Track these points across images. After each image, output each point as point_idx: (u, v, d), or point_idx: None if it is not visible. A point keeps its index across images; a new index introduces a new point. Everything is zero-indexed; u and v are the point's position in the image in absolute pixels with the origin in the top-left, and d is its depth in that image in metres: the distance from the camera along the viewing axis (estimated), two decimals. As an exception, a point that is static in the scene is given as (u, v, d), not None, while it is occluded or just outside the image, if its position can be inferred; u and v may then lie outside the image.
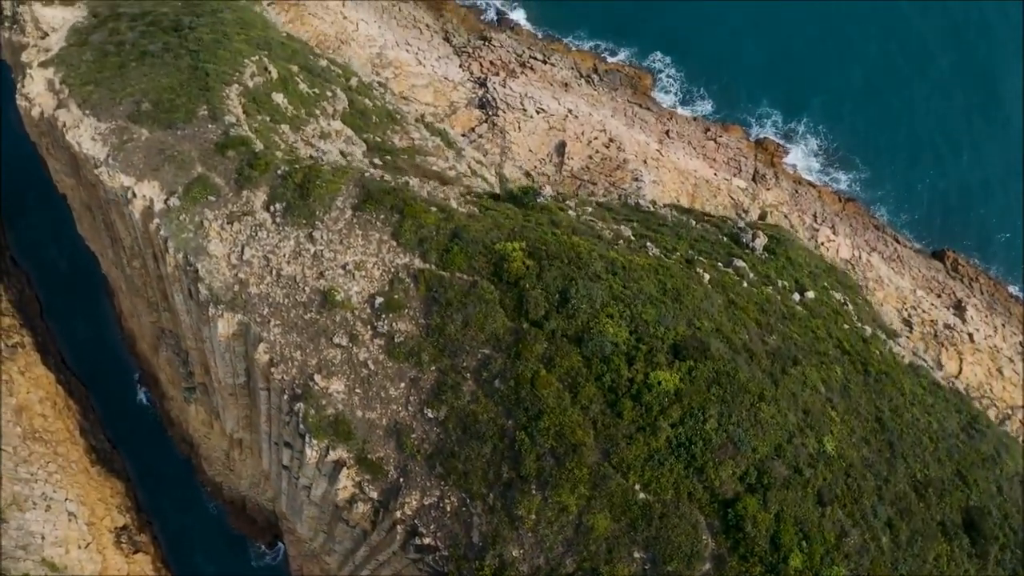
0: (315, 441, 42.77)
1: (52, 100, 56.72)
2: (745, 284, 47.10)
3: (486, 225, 44.04)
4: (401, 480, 42.05)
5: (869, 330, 50.45)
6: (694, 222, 54.39)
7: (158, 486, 67.89)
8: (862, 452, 43.37)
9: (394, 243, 43.81)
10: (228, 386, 51.21)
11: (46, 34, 62.88)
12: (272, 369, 44.04)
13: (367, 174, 46.20)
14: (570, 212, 48.18)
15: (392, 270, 43.33)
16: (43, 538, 61.69)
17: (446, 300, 41.87)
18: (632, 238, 47.44)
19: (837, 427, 43.08)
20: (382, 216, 44.32)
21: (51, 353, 71.03)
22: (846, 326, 49.33)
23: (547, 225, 45.34)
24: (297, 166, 46.57)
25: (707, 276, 45.48)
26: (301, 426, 43.31)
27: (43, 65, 58.68)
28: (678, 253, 47.01)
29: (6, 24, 65.25)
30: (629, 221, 52.04)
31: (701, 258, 47.71)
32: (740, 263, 48.89)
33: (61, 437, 67.31)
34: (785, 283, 49.76)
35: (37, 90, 57.73)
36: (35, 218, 76.05)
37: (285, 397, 44.20)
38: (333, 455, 42.90)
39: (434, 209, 44.44)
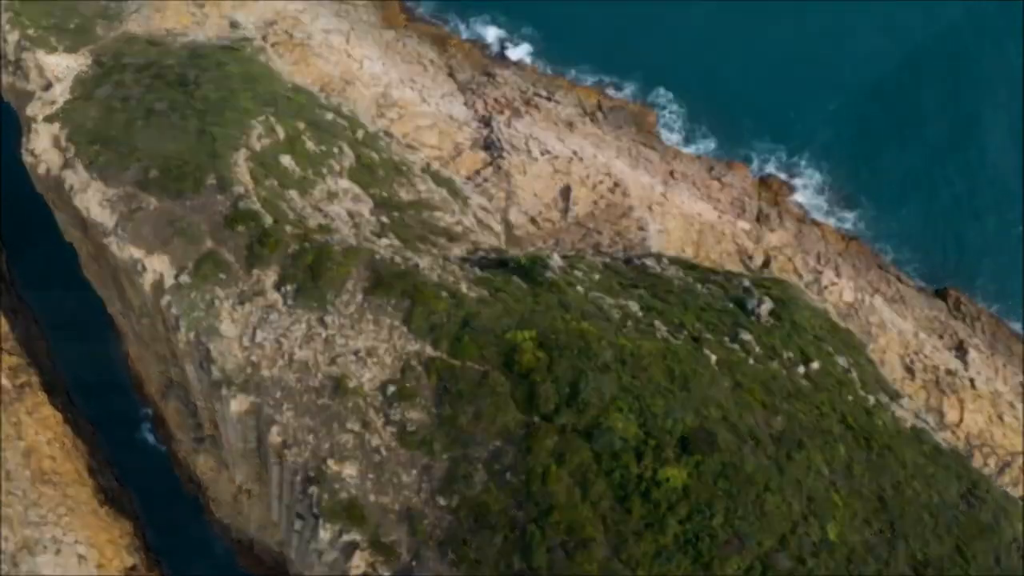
0: (328, 524, 43.52)
1: (58, 158, 56.73)
2: (751, 361, 47.63)
3: (496, 311, 44.50)
4: (414, 563, 42.82)
5: (872, 399, 51.11)
6: (700, 285, 54.81)
7: (166, 525, 68.71)
8: (864, 535, 44.23)
9: (405, 329, 44.30)
10: (239, 449, 51.87)
11: (50, 83, 62.69)
12: (285, 451, 44.69)
13: (377, 256, 46.51)
14: (578, 288, 48.58)
15: (403, 357, 43.84)
16: (54, 582, 62.63)
17: (457, 391, 42.44)
18: (640, 315, 47.89)
19: (840, 511, 43.89)
20: (393, 301, 44.77)
21: (58, 392, 71.49)
22: (850, 397, 49.96)
23: (556, 308, 45.78)
24: (308, 244, 46.89)
25: (714, 357, 46.03)
26: (315, 508, 44.06)
27: (48, 120, 58.54)
28: (685, 332, 47.49)
29: (9, 68, 65.03)
30: (636, 287, 52.47)
31: (708, 334, 48.19)
32: (746, 336, 49.39)
33: (70, 478, 68.00)
34: (791, 354, 50.27)
35: (43, 146, 57.69)
36: (41, 252, 76.01)
37: (298, 478, 44.88)
38: (346, 537, 43.65)
39: (444, 294, 44.88)
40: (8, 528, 63.68)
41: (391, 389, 43.22)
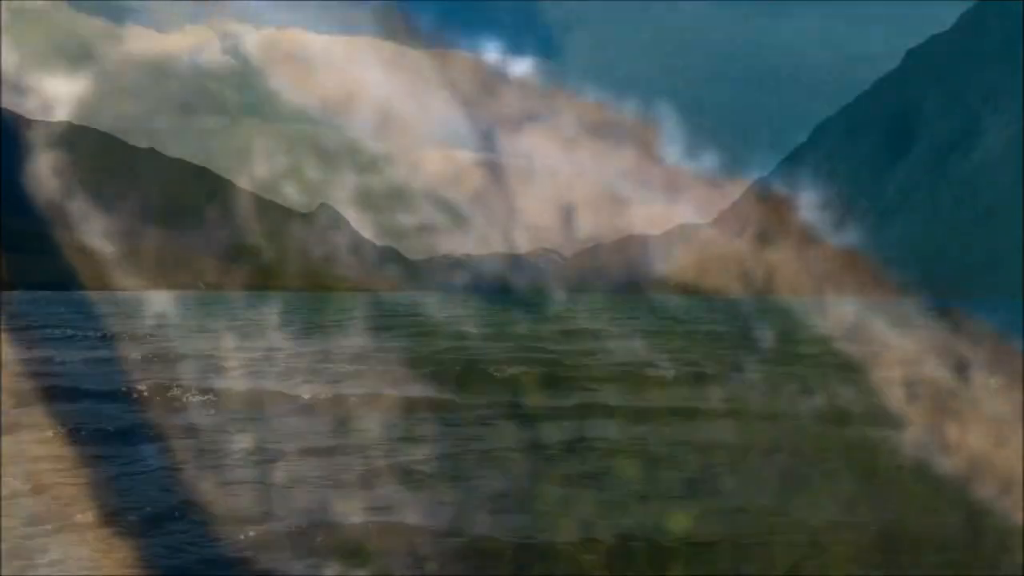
0: (332, 563, 43.69)
1: (61, 184, 56.69)
2: (753, 393, 48.00)
3: (499, 348, 44.71)
4: (417, 603, 43.09)
5: (873, 428, 51.37)
6: (702, 311, 54.97)
7: (168, 542, 69.00)
8: (866, 570, 44.50)
9: (409, 368, 44.50)
10: (241, 480, 51.98)
11: (52, 107, 62.49)
12: (289, 489, 44.80)
13: (380, 292, 46.58)
14: (581, 320, 48.69)
15: (408, 396, 44.11)
16: (57, 601, 62.97)
17: (461, 431, 42.63)
18: (643, 347, 48.09)
19: (842, 547, 44.06)
20: (396, 338, 44.92)
21: (59, 405, 71.46)
22: (851, 428, 50.23)
23: (560, 340, 45.96)
24: (310, 279, 46.90)
25: (717, 391, 46.33)
26: (318, 548, 44.22)
27: (51, 145, 58.47)
28: (688, 364, 47.76)
29: (10, 90, 64.73)
30: (637, 314, 52.55)
31: (711, 366, 48.47)
32: (749, 366, 49.72)
33: (70, 493, 68.12)
34: (793, 384, 50.64)
35: (46, 171, 57.73)
36: (42, 261, 76.07)
37: (302, 517, 45.01)
38: (350, 576, 43.89)
39: (448, 331, 45.04)
40: (8, 546, 63.82)
41: (396, 428, 43.44)
